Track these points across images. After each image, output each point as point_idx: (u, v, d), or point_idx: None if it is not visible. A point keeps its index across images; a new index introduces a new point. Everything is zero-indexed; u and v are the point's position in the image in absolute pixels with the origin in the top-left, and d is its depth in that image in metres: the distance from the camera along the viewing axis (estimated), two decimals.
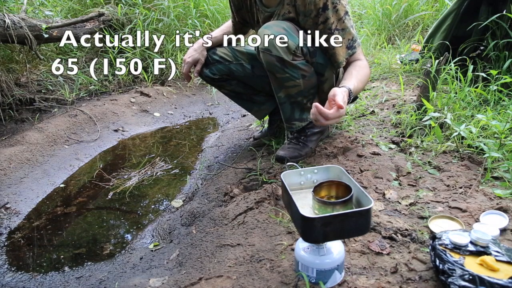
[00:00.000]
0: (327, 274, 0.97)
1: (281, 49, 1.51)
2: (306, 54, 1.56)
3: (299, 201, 0.95)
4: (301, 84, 1.61)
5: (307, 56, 1.57)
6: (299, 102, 1.68)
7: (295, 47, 1.51)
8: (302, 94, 1.65)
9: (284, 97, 1.67)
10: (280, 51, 1.51)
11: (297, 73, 1.57)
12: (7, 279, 1.38)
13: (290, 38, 1.50)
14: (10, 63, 2.92)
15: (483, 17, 2.27)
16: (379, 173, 1.54)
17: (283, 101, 1.69)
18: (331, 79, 1.67)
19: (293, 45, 1.51)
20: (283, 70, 1.56)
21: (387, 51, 3.36)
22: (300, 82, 1.60)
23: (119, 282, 1.27)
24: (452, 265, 0.90)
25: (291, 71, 1.56)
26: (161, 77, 3.56)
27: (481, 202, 1.30)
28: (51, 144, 2.39)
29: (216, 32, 1.96)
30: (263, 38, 1.52)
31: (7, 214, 1.76)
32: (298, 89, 1.63)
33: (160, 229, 1.59)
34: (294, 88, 1.62)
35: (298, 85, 1.61)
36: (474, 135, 1.65)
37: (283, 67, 1.55)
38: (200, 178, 1.99)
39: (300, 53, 1.55)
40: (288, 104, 1.69)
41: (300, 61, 1.56)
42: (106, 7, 3.47)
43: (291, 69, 1.56)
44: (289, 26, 1.52)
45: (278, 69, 1.56)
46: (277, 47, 1.50)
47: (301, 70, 1.57)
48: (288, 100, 1.68)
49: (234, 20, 1.88)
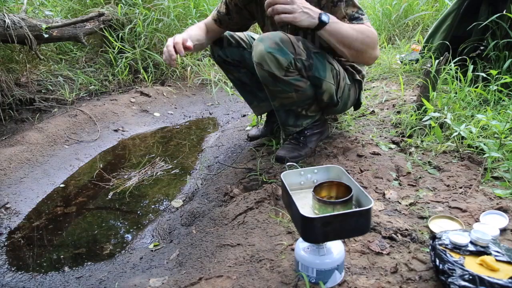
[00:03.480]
0: (327, 274, 0.97)
1: (272, 65, 1.48)
2: (301, 69, 1.52)
3: (299, 201, 0.95)
4: (294, 97, 1.60)
5: (302, 71, 1.53)
6: (293, 110, 1.67)
7: (287, 63, 1.48)
8: (296, 104, 1.64)
9: (278, 105, 1.67)
10: (272, 66, 1.49)
11: (290, 88, 1.56)
12: (7, 279, 1.38)
13: (281, 54, 1.46)
14: (10, 63, 2.92)
15: (483, 17, 2.27)
16: (379, 173, 1.54)
17: (278, 109, 1.69)
18: (329, 90, 1.63)
19: (285, 61, 1.47)
20: (275, 84, 1.55)
21: (387, 51, 3.37)
22: (293, 95, 1.59)
23: (119, 282, 1.27)
24: (452, 265, 0.90)
25: (283, 86, 1.55)
26: (161, 77, 3.56)
27: (481, 202, 1.30)
28: (51, 144, 2.39)
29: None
30: (256, 51, 1.50)
31: (7, 214, 1.76)
32: (292, 101, 1.62)
33: (160, 229, 1.59)
34: (288, 99, 1.61)
35: (291, 97, 1.60)
36: (474, 135, 1.65)
37: (275, 82, 1.54)
38: (200, 178, 1.99)
39: (293, 68, 1.51)
40: (282, 111, 1.69)
41: (293, 77, 1.53)
42: (106, 7, 3.47)
43: (283, 84, 1.54)
44: (285, 39, 1.47)
45: (270, 82, 1.56)
46: (268, 63, 1.48)
47: (293, 85, 1.55)
48: (282, 109, 1.68)
49: (219, 18, 1.77)
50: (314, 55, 1.54)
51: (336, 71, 1.65)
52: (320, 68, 1.56)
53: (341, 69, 1.69)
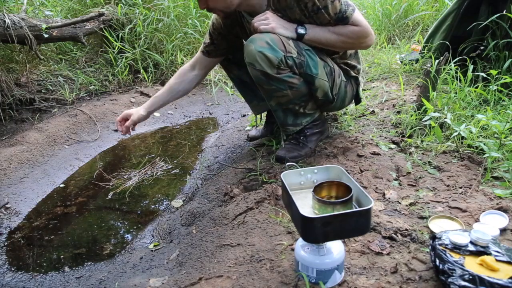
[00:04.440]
0: (327, 274, 0.97)
1: (263, 64, 1.51)
2: (292, 66, 1.54)
3: (299, 201, 0.95)
4: (290, 94, 1.60)
5: (293, 68, 1.55)
6: (291, 109, 1.68)
7: (278, 61, 1.50)
8: (292, 102, 1.65)
9: (276, 105, 1.68)
10: (263, 65, 1.51)
11: (284, 85, 1.57)
12: (7, 279, 1.38)
13: (272, 52, 1.49)
14: (10, 63, 2.92)
15: (483, 17, 2.27)
16: (379, 173, 1.54)
17: (275, 109, 1.70)
18: (323, 87, 1.64)
19: (276, 59, 1.50)
20: (268, 83, 1.57)
21: (387, 51, 3.37)
22: (288, 93, 1.60)
23: (119, 282, 1.27)
24: (452, 265, 0.90)
25: (277, 84, 1.56)
26: (161, 77, 3.56)
27: (481, 202, 1.30)
28: (51, 144, 2.39)
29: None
30: (247, 52, 1.53)
31: (7, 214, 1.76)
32: (288, 98, 1.63)
33: (160, 229, 1.59)
34: (283, 97, 1.62)
35: (287, 95, 1.61)
36: (474, 135, 1.65)
37: (269, 80, 1.56)
38: (200, 178, 1.99)
39: (285, 65, 1.53)
40: (280, 111, 1.70)
41: (286, 74, 1.55)
42: (106, 7, 3.47)
43: (277, 81, 1.56)
44: (274, 39, 1.50)
45: (264, 82, 1.57)
46: (260, 62, 1.51)
47: (287, 82, 1.56)
48: (279, 108, 1.68)
49: (207, 50, 1.86)
50: (305, 52, 1.56)
51: (330, 68, 1.66)
52: (312, 65, 1.58)
53: (336, 66, 1.70)
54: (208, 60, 1.90)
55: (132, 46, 3.42)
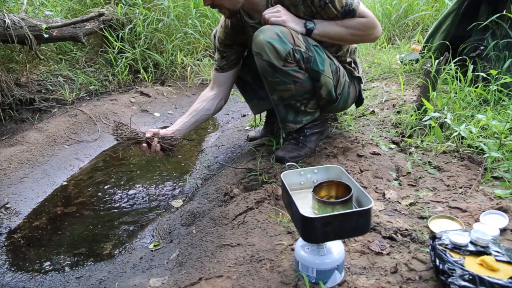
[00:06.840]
0: (327, 274, 0.97)
1: (271, 54, 1.51)
2: (299, 60, 1.54)
3: (299, 201, 0.95)
4: (293, 89, 1.60)
5: (300, 63, 1.55)
6: (292, 105, 1.68)
7: (286, 53, 1.50)
8: (294, 98, 1.65)
9: (277, 99, 1.68)
10: (270, 56, 1.51)
11: (288, 79, 1.57)
12: (7, 279, 1.38)
13: (280, 44, 1.49)
14: (10, 63, 2.92)
15: (483, 17, 2.27)
16: (379, 173, 1.54)
17: (277, 103, 1.70)
18: (328, 84, 1.64)
19: (284, 51, 1.50)
20: (273, 74, 1.57)
21: (387, 51, 3.37)
22: (291, 87, 1.60)
23: (119, 282, 1.27)
24: (452, 265, 0.90)
25: (282, 76, 1.56)
26: (161, 77, 3.56)
27: (481, 202, 1.30)
28: (51, 144, 2.39)
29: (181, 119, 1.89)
30: (256, 41, 1.53)
31: (7, 214, 1.76)
32: (290, 93, 1.63)
33: (160, 229, 1.59)
34: (286, 92, 1.62)
35: (290, 89, 1.61)
36: (474, 135, 1.65)
37: (274, 72, 1.56)
38: (200, 178, 1.99)
39: (292, 59, 1.53)
40: (281, 106, 1.70)
41: (292, 68, 1.55)
42: (106, 7, 3.47)
43: (282, 74, 1.56)
44: (284, 31, 1.50)
45: (269, 73, 1.57)
46: (267, 52, 1.51)
47: (292, 76, 1.56)
48: (281, 103, 1.68)
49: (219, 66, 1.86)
50: (313, 47, 1.56)
51: (335, 67, 1.66)
52: (319, 61, 1.58)
53: (341, 66, 1.71)
54: (222, 75, 1.91)
55: (132, 46, 3.42)
